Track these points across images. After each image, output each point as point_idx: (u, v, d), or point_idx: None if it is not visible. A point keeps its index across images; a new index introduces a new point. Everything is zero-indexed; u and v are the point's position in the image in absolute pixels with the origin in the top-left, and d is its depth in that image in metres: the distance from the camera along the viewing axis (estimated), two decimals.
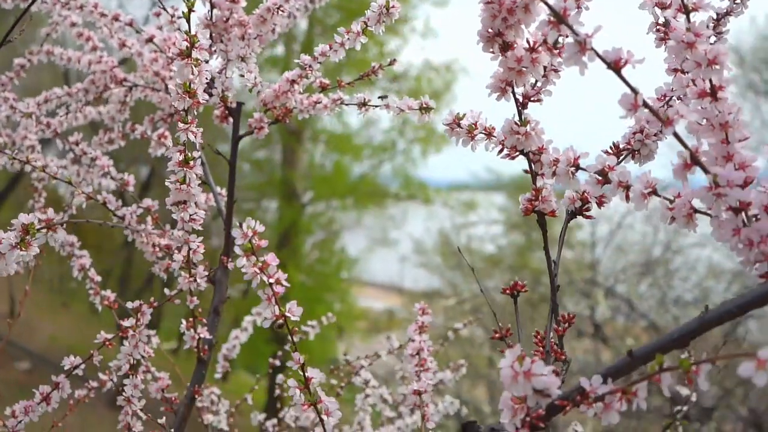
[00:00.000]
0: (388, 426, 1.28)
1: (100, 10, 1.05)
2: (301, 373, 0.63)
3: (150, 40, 1.03)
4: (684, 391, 1.15)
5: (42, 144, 1.28)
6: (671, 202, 0.54)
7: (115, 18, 1.06)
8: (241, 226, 0.59)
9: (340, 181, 11.03)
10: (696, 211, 0.53)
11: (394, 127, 11.35)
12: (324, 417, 0.62)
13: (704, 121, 0.54)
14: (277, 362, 1.43)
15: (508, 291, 0.66)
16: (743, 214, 0.49)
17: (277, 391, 1.38)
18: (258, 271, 0.60)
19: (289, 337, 0.63)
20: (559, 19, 0.48)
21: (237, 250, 0.60)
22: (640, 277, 6.33)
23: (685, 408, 1.10)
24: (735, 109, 0.52)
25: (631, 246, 7.35)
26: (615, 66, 0.49)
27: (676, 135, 0.50)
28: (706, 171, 0.49)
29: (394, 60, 0.98)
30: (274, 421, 1.31)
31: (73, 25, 1.16)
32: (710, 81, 0.52)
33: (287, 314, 0.61)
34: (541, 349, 0.62)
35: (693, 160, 0.50)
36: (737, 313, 0.48)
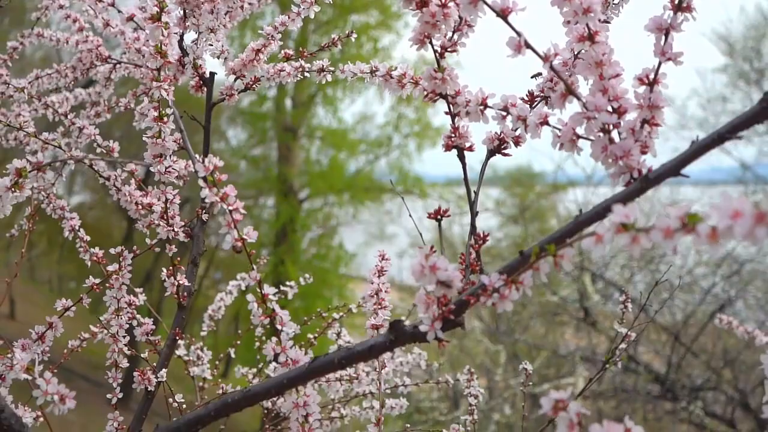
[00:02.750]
0: (363, 379, 1.38)
1: None
2: (259, 290, 0.73)
3: (131, 18, 1.12)
4: (622, 329, 1.25)
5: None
6: (560, 131, 0.64)
7: None
8: (203, 161, 0.69)
9: (337, 176, 11.13)
10: (579, 136, 0.63)
11: (389, 122, 11.47)
12: (279, 327, 0.73)
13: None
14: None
15: (432, 216, 0.76)
16: (610, 134, 0.60)
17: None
18: (219, 200, 0.70)
19: (249, 260, 0.73)
20: None
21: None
22: (629, 261, 6.45)
23: (623, 346, 1.20)
24: (608, 50, 0.62)
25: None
26: (503, 13, 0.59)
27: (552, 68, 0.60)
28: (579, 99, 0.60)
29: (352, 32, 1.08)
30: (254, 370, 1.42)
31: (61, 7, 1.26)
32: (587, 26, 0.62)
33: (245, 237, 0.71)
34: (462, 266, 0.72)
35: (568, 90, 0.60)
36: (604, 214, 0.58)
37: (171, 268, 1.02)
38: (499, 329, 7.08)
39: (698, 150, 0.55)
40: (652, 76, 0.61)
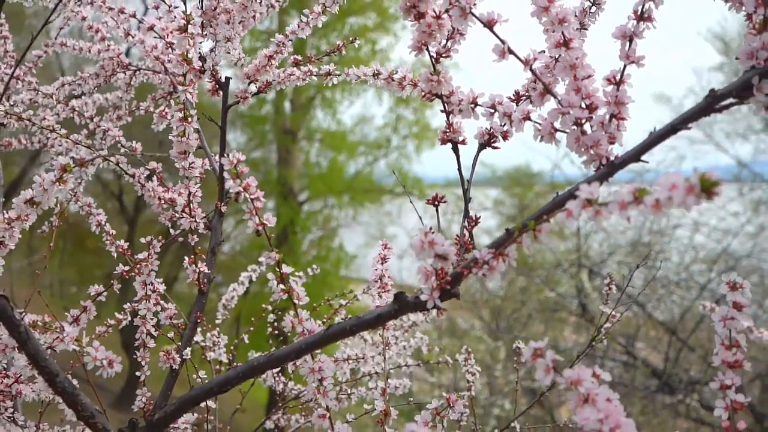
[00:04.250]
0: (369, 360, 1.47)
1: (108, 5, 1.25)
2: (278, 269, 0.82)
3: (151, 28, 1.22)
4: (605, 309, 1.34)
5: None
6: (540, 125, 0.73)
7: (121, 11, 1.25)
8: (228, 155, 0.79)
9: (336, 178, 11.22)
10: (556, 129, 0.72)
11: (387, 123, 11.58)
12: (296, 301, 0.82)
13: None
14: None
15: (430, 201, 0.86)
16: (582, 127, 0.69)
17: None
18: (242, 190, 0.80)
19: (267, 242, 0.83)
20: None
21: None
22: (626, 257, 6.55)
23: (609, 326, 1.30)
24: (581, 54, 0.71)
25: (622, 232, 7.59)
26: (489, 24, 0.69)
27: (532, 71, 0.70)
28: (555, 97, 0.69)
29: (355, 38, 1.17)
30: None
31: (84, 19, 1.36)
32: (563, 34, 0.71)
33: (265, 222, 0.81)
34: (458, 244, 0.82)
35: (546, 89, 0.70)
36: (569, 196, 0.67)
37: (193, 256, 1.12)
38: (499, 327, 7.18)
39: (655, 139, 0.64)
40: (618, 77, 0.70)
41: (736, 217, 7.68)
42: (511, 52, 0.69)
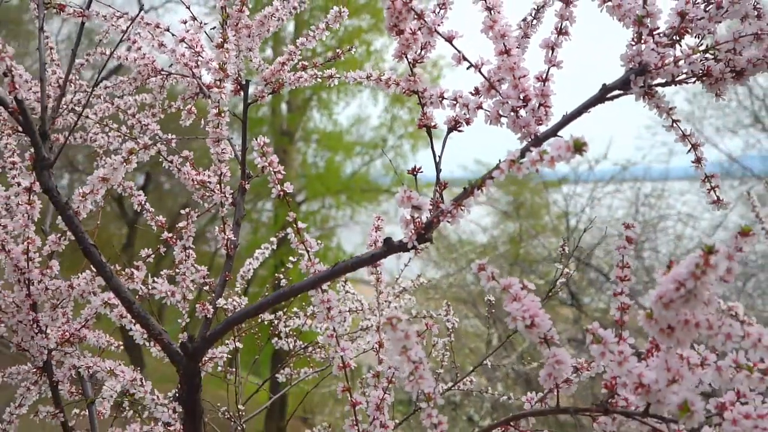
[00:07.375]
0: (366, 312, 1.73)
1: (146, 20, 1.51)
2: (295, 225, 1.08)
3: (182, 40, 1.48)
4: (558, 266, 1.60)
5: None
6: (489, 113, 1.00)
7: (157, 26, 1.51)
8: (256, 139, 1.05)
9: (333, 179, 11.47)
10: (500, 115, 0.98)
11: (383, 123, 11.84)
12: (308, 249, 1.08)
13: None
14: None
15: (411, 172, 1.12)
16: (518, 113, 0.95)
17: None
18: (268, 165, 1.06)
19: (288, 206, 1.09)
20: (418, 16, 0.94)
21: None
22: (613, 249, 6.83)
23: (563, 281, 1.55)
24: (518, 59, 0.97)
25: (614, 224, 7.86)
26: (449, 39, 0.95)
27: (480, 72, 0.96)
28: (497, 91, 0.96)
29: (352, 46, 1.44)
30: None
31: (123, 32, 1.61)
32: (504, 44, 0.97)
33: (285, 189, 1.07)
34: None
35: (491, 86, 0.96)
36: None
37: (222, 226, 1.38)
38: (494, 319, 7.45)
39: (566, 120, 0.90)
40: (544, 76, 0.96)
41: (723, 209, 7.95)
42: (464, 59, 0.95)
